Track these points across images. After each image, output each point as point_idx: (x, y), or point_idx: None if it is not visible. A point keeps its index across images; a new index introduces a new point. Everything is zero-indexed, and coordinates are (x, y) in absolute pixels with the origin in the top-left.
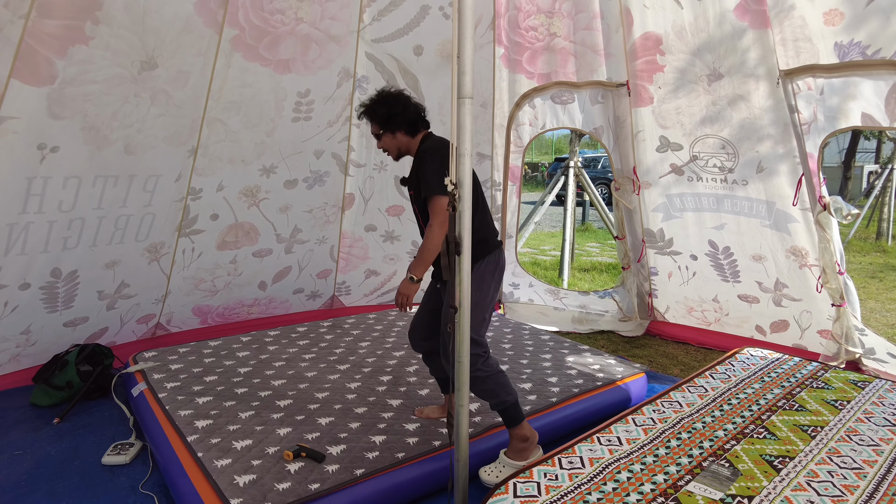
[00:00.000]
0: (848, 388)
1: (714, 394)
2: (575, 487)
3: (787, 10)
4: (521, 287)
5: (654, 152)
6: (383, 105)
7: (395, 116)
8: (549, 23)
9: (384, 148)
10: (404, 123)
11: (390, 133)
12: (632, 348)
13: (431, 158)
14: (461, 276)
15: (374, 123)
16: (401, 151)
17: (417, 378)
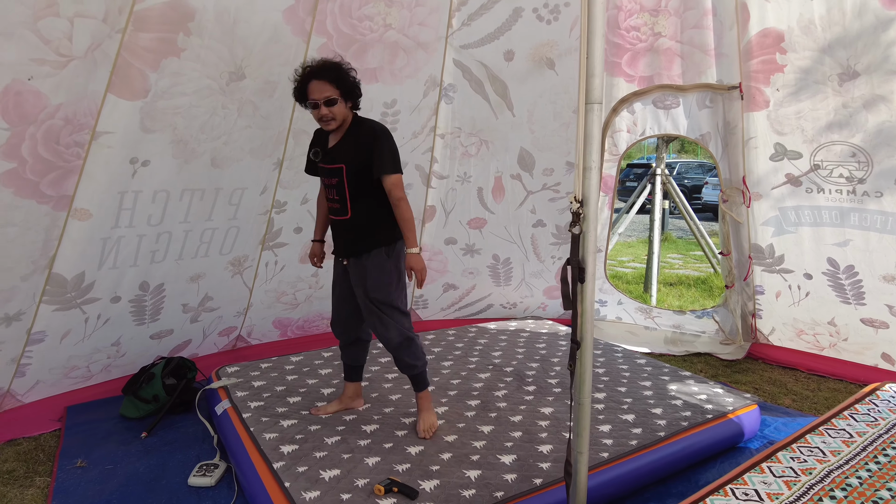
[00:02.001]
0: None
1: (862, 440)
2: None
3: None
4: (609, 304)
5: (767, 161)
6: (351, 72)
7: (356, 88)
8: (654, 22)
9: (330, 116)
10: (357, 97)
11: (344, 102)
12: (733, 373)
13: (388, 138)
14: (584, 307)
15: (333, 87)
16: (339, 124)
17: (507, 403)
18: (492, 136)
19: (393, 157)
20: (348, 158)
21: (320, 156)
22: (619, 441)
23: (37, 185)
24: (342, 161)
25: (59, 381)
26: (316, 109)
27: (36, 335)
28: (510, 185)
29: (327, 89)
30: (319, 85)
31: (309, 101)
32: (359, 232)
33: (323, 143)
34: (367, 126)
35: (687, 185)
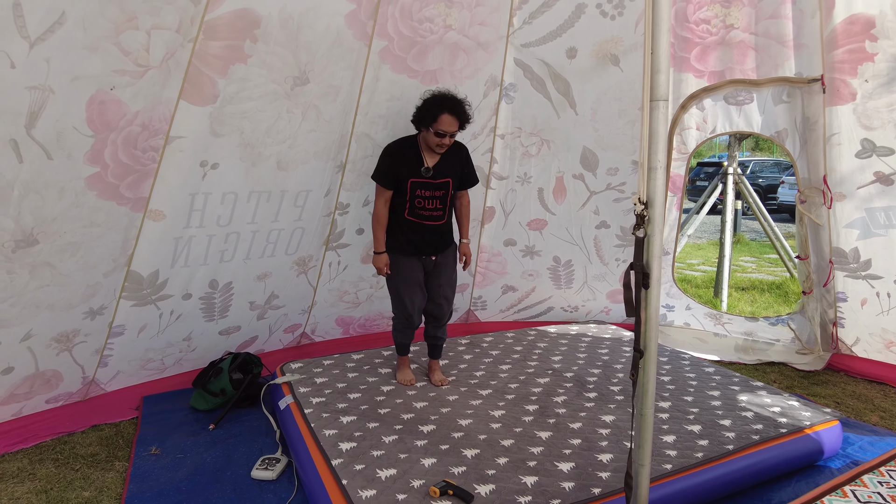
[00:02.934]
0: None
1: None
2: None
3: None
4: (677, 309)
5: (852, 158)
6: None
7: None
8: (726, 13)
9: (448, 145)
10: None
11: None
12: (811, 385)
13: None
14: (648, 314)
15: (459, 123)
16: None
17: (567, 410)
18: (553, 136)
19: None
20: (454, 173)
21: (431, 172)
22: (684, 453)
23: (117, 188)
24: (450, 175)
25: (137, 372)
26: (442, 138)
27: (117, 328)
28: (572, 185)
29: (455, 125)
30: (451, 120)
31: (438, 131)
32: (447, 231)
33: (415, 161)
34: (460, 145)
35: (761, 185)
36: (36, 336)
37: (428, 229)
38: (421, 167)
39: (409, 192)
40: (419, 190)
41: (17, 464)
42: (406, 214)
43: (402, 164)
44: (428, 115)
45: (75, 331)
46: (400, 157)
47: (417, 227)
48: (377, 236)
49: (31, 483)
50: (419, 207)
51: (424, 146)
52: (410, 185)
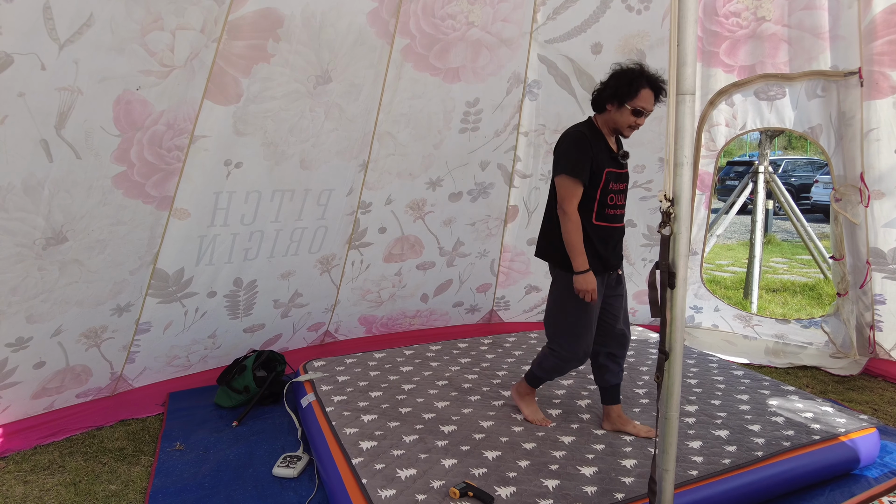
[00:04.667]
0: None
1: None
2: None
3: None
4: (705, 311)
5: (892, 154)
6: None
7: None
8: (757, 5)
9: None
10: None
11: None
12: (846, 391)
13: None
14: (674, 315)
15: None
16: None
17: (591, 415)
18: None
19: None
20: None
21: (627, 157)
22: (711, 459)
23: (142, 187)
24: (627, 166)
25: (163, 368)
26: (639, 118)
27: (143, 325)
28: None
29: (653, 101)
30: (650, 95)
31: (637, 107)
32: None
33: (606, 147)
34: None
35: (794, 185)
36: (66, 331)
37: (616, 235)
38: (612, 153)
39: (601, 187)
40: (612, 183)
41: (49, 456)
42: (594, 219)
43: (597, 150)
44: (626, 90)
45: (103, 327)
46: (594, 142)
47: (607, 233)
48: (577, 248)
49: (60, 475)
50: (611, 206)
51: (607, 130)
52: (605, 177)
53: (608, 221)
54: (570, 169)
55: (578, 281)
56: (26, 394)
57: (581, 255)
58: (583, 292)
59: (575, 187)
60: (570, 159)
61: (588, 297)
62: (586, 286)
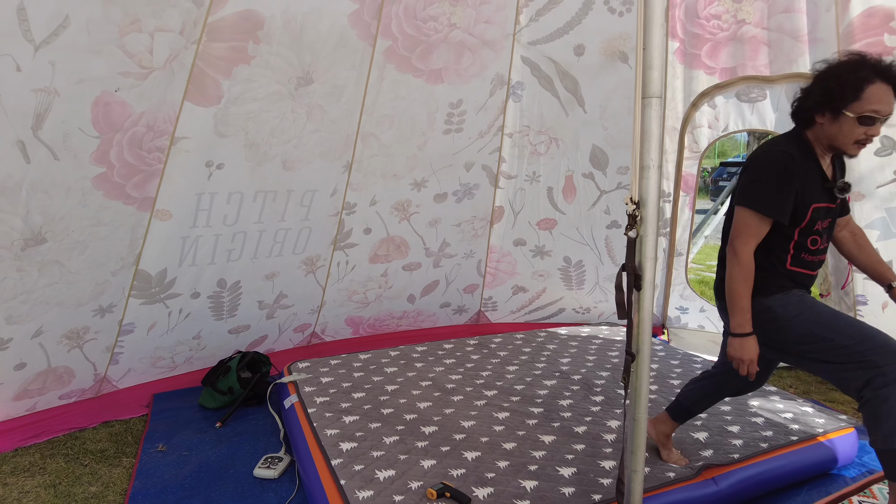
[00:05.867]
0: None
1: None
2: None
3: None
4: (691, 311)
5: (871, 156)
6: None
7: None
8: (737, 8)
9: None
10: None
11: None
12: (828, 391)
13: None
14: (641, 316)
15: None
16: None
17: (572, 413)
18: (562, 134)
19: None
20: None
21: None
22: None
23: (123, 188)
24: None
25: (148, 369)
26: (870, 127)
27: (126, 326)
28: (582, 184)
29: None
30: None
31: (864, 113)
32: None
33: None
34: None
35: None
36: (47, 332)
37: (810, 285)
38: (826, 182)
39: (803, 227)
40: (820, 222)
41: (30, 458)
42: (789, 264)
43: (806, 179)
44: (843, 91)
45: (85, 328)
46: (801, 168)
47: (803, 281)
48: (740, 303)
49: (41, 477)
50: (811, 250)
51: (821, 149)
52: (812, 215)
53: (805, 268)
54: (760, 204)
55: (734, 346)
56: (8, 395)
57: (743, 312)
58: (736, 361)
59: (759, 227)
60: (763, 191)
61: (743, 368)
62: (742, 354)
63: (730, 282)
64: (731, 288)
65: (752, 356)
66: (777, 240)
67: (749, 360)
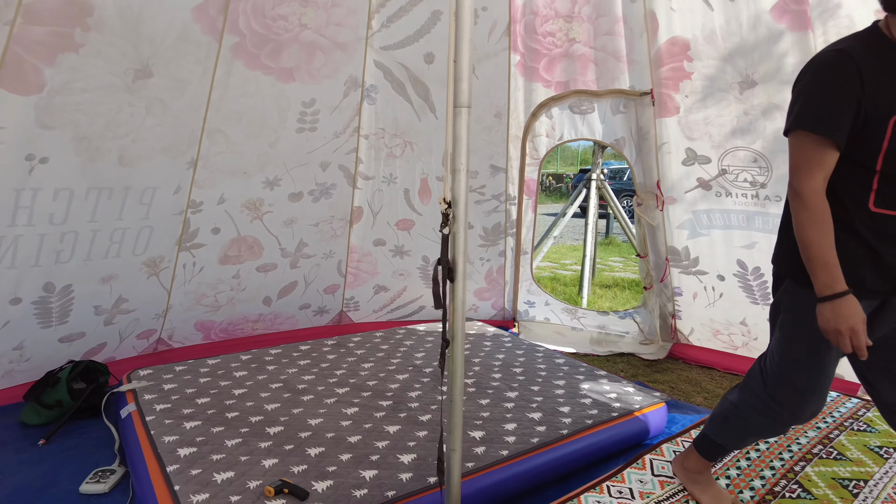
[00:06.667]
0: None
1: None
2: None
3: (832, 10)
4: (537, 305)
5: (679, 165)
6: None
7: None
8: (569, 28)
9: None
10: None
11: None
12: (653, 373)
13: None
14: (455, 306)
15: None
16: None
17: (420, 403)
18: (416, 138)
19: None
20: None
21: None
22: (522, 439)
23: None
24: None
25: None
26: None
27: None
28: (436, 186)
29: None
30: None
31: None
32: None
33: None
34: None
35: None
36: None
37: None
38: None
39: (887, 148)
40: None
41: None
42: (873, 204)
43: (873, 81)
44: None
45: None
46: (868, 67)
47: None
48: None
49: None
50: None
51: None
52: (894, 131)
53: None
54: (806, 120)
55: (823, 315)
56: None
57: (827, 267)
58: (833, 333)
59: (818, 153)
60: (810, 101)
61: (845, 342)
62: (837, 322)
63: (800, 232)
64: (802, 239)
65: (852, 322)
66: (852, 171)
67: (849, 329)
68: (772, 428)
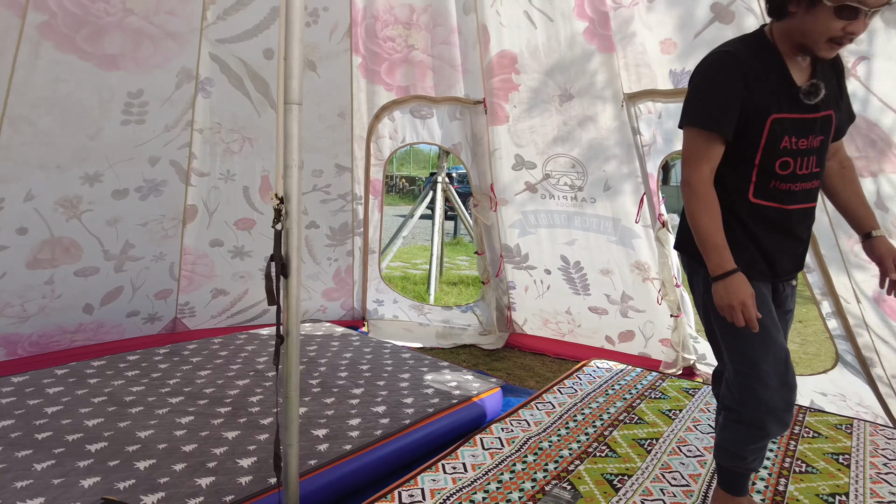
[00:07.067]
0: (681, 397)
1: (561, 410)
2: None
3: (629, 37)
4: (386, 303)
5: (510, 170)
6: None
7: None
8: (408, 34)
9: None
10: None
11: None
12: (492, 361)
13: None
14: (289, 302)
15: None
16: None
17: (261, 407)
18: (256, 134)
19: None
20: (835, 102)
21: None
22: (366, 433)
23: None
24: (831, 106)
25: None
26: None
27: None
28: None
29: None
30: None
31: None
32: (809, 228)
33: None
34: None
35: None
36: None
37: (794, 222)
38: (793, 88)
39: (764, 144)
40: (789, 137)
41: None
42: (752, 195)
43: (755, 81)
44: None
45: None
46: (752, 68)
47: (776, 218)
48: (709, 239)
49: None
50: (783, 175)
51: (790, 51)
52: (770, 128)
53: (778, 201)
54: (694, 116)
55: (718, 292)
56: None
57: (717, 249)
58: (727, 309)
59: (705, 147)
60: (700, 99)
61: (737, 315)
62: (729, 298)
63: (691, 218)
64: (693, 224)
65: (742, 297)
66: (737, 164)
67: (740, 303)
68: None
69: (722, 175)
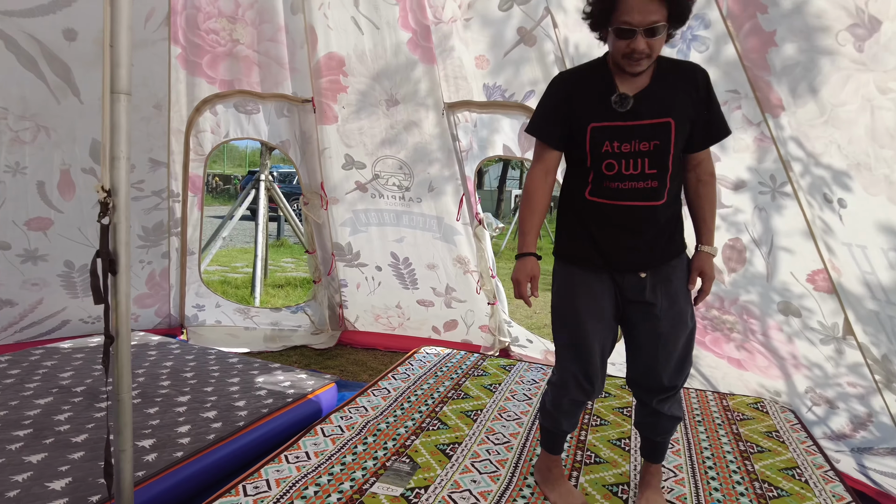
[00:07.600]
0: (500, 373)
1: (396, 394)
2: None
3: (448, 51)
4: (207, 308)
5: (340, 169)
6: None
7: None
8: (232, 28)
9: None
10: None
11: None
12: (324, 360)
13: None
14: (119, 300)
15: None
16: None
17: (72, 425)
18: (54, 123)
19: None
20: (678, 111)
21: (630, 103)
22: (198, 438)
23: None
24: (669, 113)
25: None
26: (629, 41)
27: None
28: (83, 180)
29: (654, 10)
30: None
31: (618, 25)
32: (671, 226)
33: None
34: (693, 67)
35: None
36: None
37: (628, 217)
38: (610, 95)
39: (589, 148)
40: (610, 143)
41: None
42: (588, 194)
43: (578, 96)
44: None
45: None
46: (577, 85)
47: (607, 213)
48: (522, 227)
49: None
50: (610, 176)
51: (617, 69)
52: (591, 135)
53: (609, 198)
54: (532, 127)
55: (515, 267)
56: None
57: (524, 235)
58: (514, 282)
59: (538, 149)
60: (536, 112)
61: (517, 289)
62: (517, 274)
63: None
64: (519, 212)
65: (520, 276)
66: (577, 169)
67: (516, 280)
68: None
69: (569, 178)
